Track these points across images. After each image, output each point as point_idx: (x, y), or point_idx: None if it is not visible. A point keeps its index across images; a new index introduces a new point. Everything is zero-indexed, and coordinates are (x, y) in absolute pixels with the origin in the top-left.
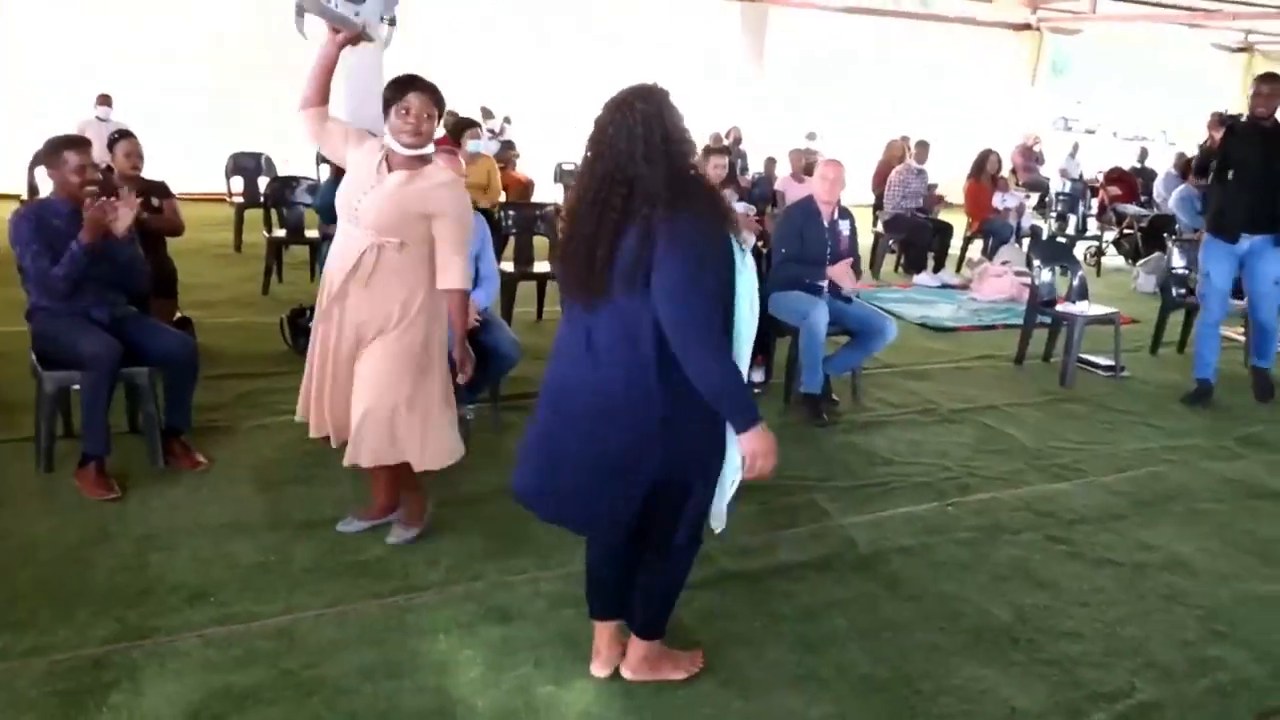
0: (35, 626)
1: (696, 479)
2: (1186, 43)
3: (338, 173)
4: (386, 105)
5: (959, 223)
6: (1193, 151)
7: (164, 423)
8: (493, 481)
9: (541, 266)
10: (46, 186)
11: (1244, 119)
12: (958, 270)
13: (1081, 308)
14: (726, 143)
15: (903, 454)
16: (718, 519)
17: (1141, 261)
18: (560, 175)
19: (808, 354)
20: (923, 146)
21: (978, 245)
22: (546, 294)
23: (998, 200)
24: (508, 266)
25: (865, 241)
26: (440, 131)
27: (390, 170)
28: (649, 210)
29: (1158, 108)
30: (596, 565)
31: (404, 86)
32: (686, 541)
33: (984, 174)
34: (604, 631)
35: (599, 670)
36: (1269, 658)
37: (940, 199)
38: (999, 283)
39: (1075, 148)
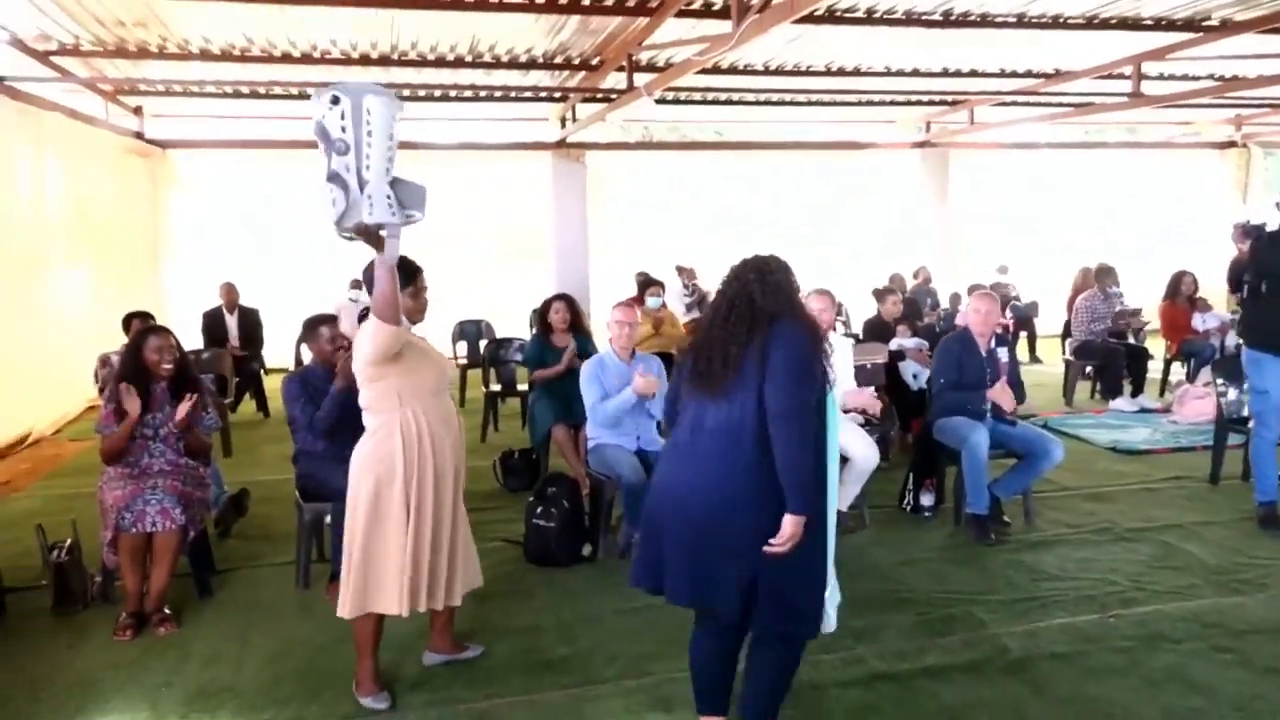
0: (294, 702)
1: (792, 570)
2: None
3: (542, 332)
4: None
5: (1162, 347)
6: None
7: None
8: None
9: None
10: (309, 359)
11: (1270, 228)
12: (1160, 395)
13: None
14: (915, 283)
15: (1070, 570)
16: (828, 622)
17: None
18: None
19: (971, 476)
20: (1105, 272)
21: (1183, 369)
22: None
23: (1197, 321)
24: None
25: (1058, 370)
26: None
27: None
28: (767, 326)
29: None
30: (701, 661)
31: (417, 270)
32: (790, 632)
33: (1179, 296)
34: None
35: None
36: None
37: (1132, 316)
38: (1201, 404)
39: None
